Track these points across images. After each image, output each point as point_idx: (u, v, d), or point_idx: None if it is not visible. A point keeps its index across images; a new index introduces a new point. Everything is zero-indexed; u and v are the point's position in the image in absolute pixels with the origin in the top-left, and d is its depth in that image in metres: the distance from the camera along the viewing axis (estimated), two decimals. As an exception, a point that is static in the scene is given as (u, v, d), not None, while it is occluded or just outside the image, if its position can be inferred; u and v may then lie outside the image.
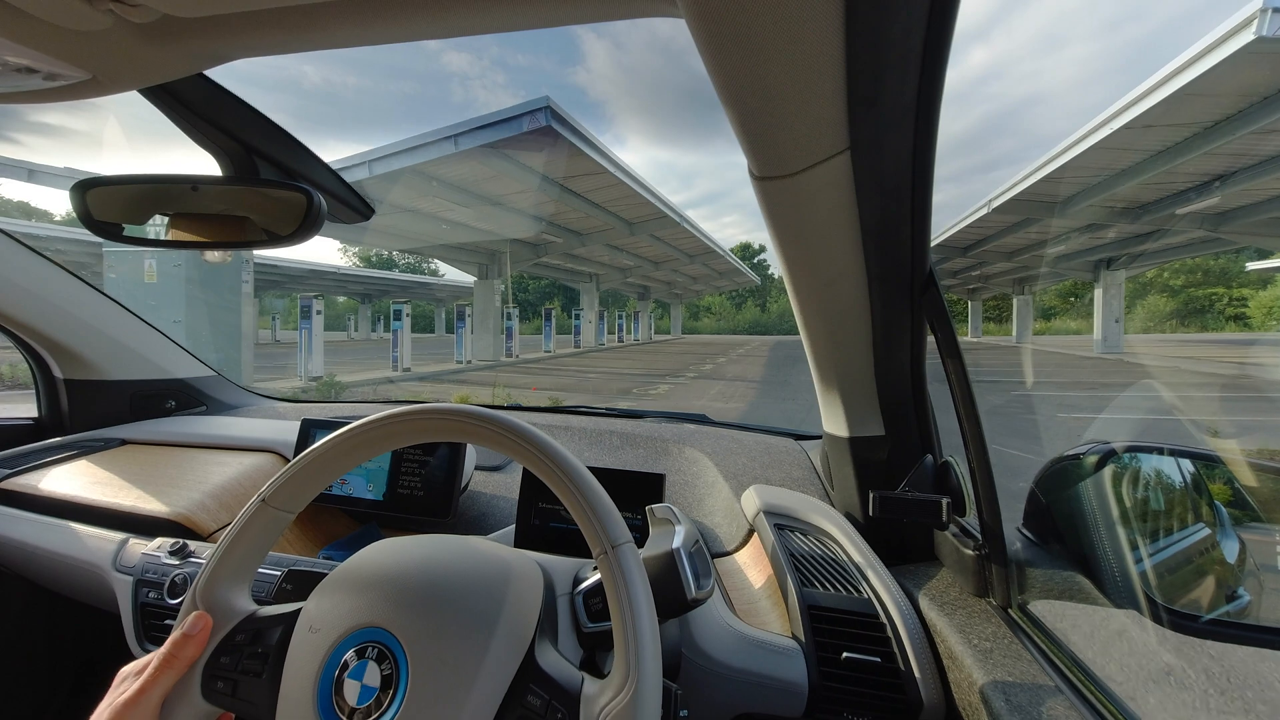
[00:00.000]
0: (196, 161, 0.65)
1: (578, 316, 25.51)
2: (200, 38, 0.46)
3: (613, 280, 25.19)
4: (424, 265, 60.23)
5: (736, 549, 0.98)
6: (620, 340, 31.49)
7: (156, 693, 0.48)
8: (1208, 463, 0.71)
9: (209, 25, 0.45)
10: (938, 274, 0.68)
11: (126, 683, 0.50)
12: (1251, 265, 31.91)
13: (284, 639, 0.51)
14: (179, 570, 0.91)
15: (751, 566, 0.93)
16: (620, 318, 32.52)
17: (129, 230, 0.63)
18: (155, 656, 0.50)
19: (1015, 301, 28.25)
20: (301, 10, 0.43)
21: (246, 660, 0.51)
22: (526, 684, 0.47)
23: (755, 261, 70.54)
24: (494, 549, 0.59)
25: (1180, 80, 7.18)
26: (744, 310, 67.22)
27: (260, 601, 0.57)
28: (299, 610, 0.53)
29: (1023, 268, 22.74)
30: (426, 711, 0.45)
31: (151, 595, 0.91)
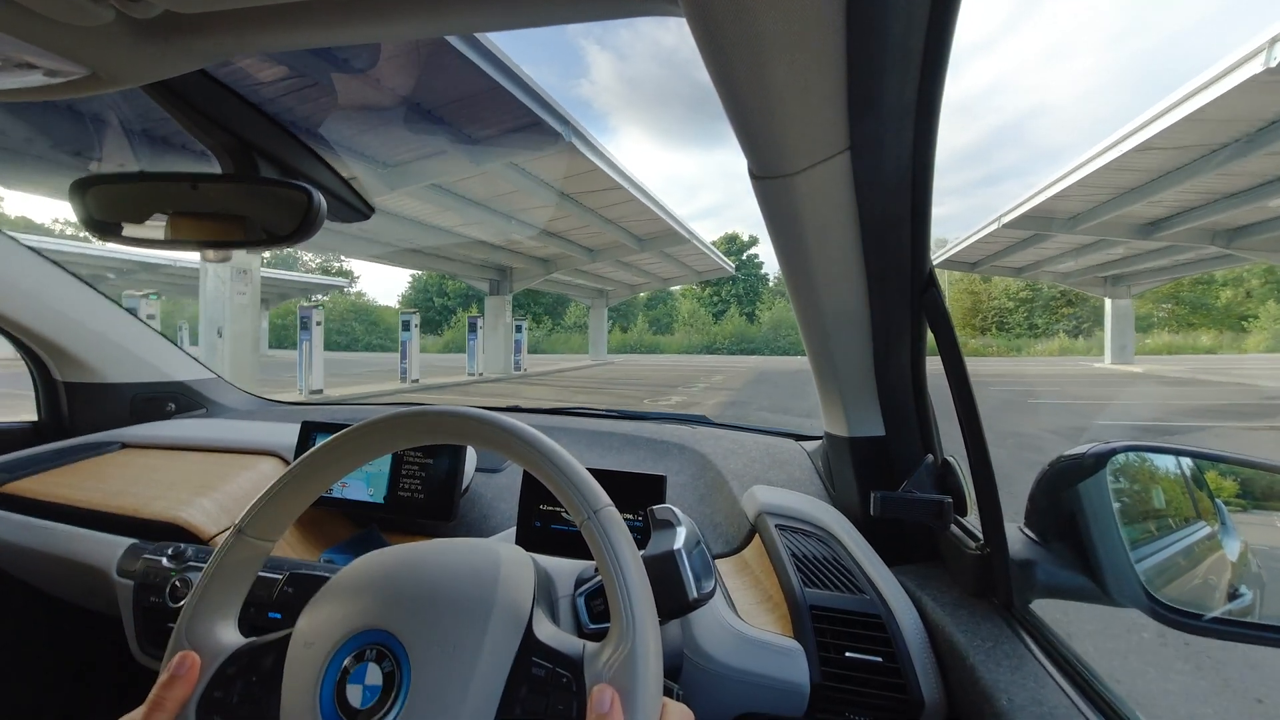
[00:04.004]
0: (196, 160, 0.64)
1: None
2: (202, 34, 0.46)
3: (358, 247, 12.53)
4: (331, 264, 45.61)
5: (738, 549, 0.98)
6: (406, 378, 14.27)
7: None
8: (1209, 461, 0.71)
9: (211, 21, 0.45)
10: (937, 274, 0.69)
11: None
12: None
13: (278, 664, 0.50)
14: (180, 574, 0.90)
15: (753, 567, 0.93)
16: (467, 327, 16.93)
17: (128, 230, 0.63)
18: (145, 704, 0.49)
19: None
20: (302, 7, 0.43)
21: (242, 691, 0.50)
22: (529, 658, 0.48)
23: (745, 257, 51.07)
24: (482, 543, 0.59)
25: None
26: (725, 321, 46.87)
27: (262, 602, 0.56)
28: (288, 635, 0.52)
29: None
30: (433, 699, 0.45)
31: (153, 599, 0.90)
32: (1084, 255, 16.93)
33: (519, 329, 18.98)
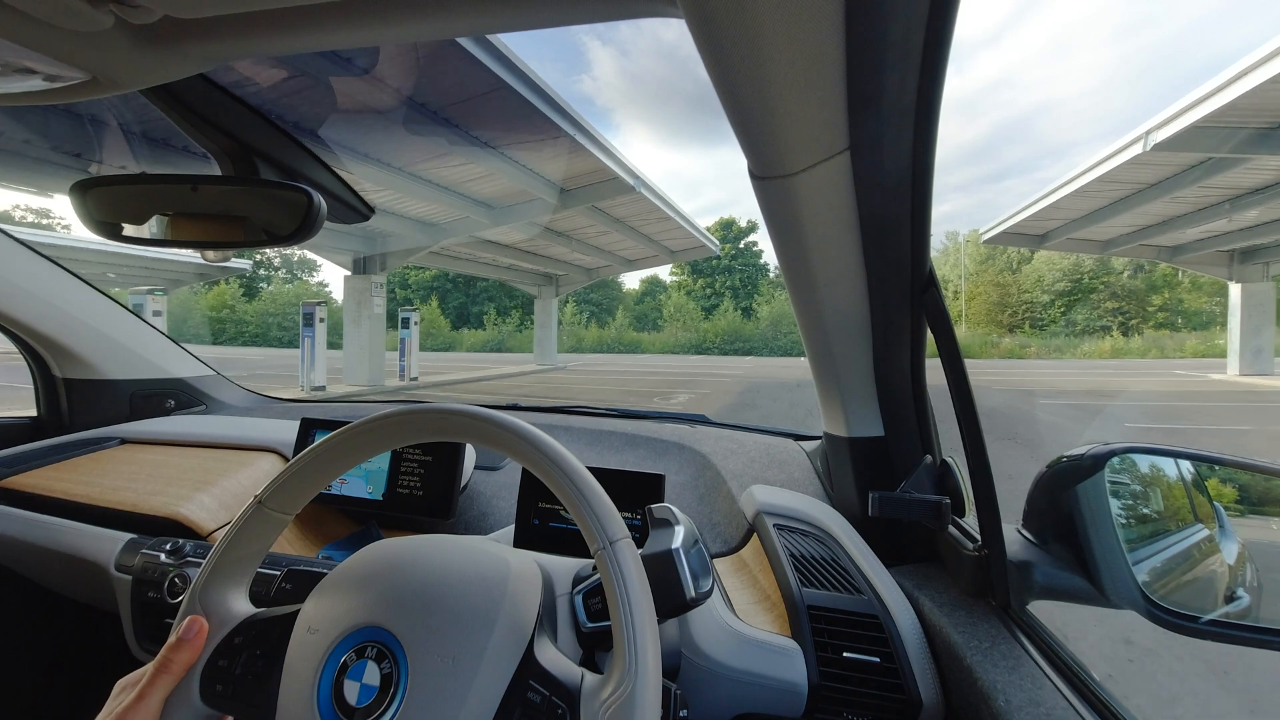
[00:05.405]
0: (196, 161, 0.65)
1: None
2: (201, 39, 0.46)
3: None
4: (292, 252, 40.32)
5: (736, 549, 0.98)
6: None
7: (155, 699, 0.48)
8: (1206, 464, 0.71)
9: (209, 26, 0.45)
10: (936, 274, 0.69)
11: (124, 693, 0.50)
12: None
13: (282, 640, 0.51)
14: (178, 570, 0.91)
15: (751, 566, 0.93)
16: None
17: (129, 230, 0.64)
18: (152, 664, 0.50)
19: None
20: (301, 11, 0.43)
21: (245, 663, 0.51)
22: (526, 681, 0.47)
23: (742, 245, 44.34)
24: (492, 548, 0.59)
25: None
26: (718, 316, 39.52)
27: (260, 601, 0.57)
28: (297, 611, 0.53)
29: None
30: (427, 710, 0.45)
31: (151, 595, 0.91)
32: (1241, 209, 10.07)
33: (406, 323, 13.04)
